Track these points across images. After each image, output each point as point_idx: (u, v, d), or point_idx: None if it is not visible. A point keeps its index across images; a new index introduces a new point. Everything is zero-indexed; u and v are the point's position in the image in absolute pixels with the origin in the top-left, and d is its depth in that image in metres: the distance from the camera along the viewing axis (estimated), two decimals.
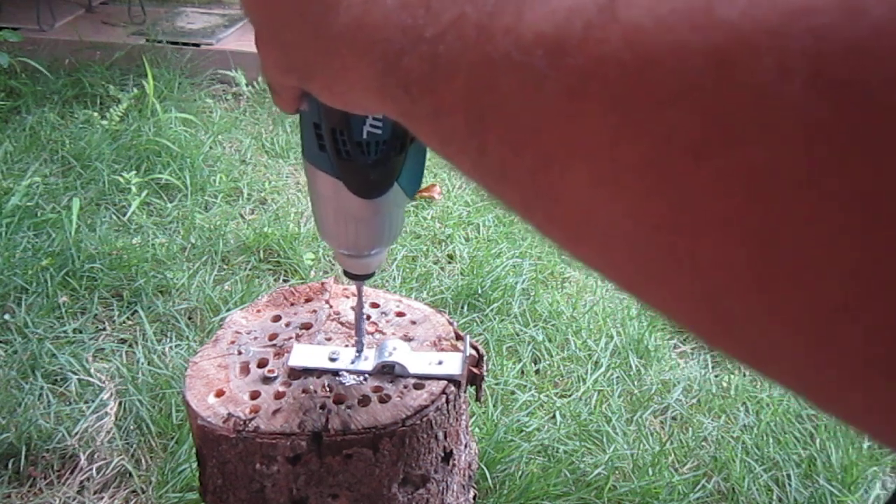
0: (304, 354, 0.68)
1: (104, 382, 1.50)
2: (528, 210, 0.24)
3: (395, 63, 0.28)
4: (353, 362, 0.68)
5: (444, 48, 0.25)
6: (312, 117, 0.49)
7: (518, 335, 1.69)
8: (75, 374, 1.51)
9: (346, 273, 0.62)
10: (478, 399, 0.74)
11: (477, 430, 1.43)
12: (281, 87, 0.43)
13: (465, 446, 0.74)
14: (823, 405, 0.18)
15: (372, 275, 0.63)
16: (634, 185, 0.19)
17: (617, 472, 1.39)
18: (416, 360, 0.68)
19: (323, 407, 0.63)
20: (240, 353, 0.70)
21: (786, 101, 0.15)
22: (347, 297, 0.78)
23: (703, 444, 1.48)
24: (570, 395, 1.55)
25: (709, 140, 0.17)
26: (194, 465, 1.21)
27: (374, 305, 0.76)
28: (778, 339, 0.17)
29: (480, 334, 1.67)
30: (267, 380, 0.66)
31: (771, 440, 1.48)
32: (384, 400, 0.65)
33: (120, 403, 1.46)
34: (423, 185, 2.14)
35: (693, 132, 0.17)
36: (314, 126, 0.49)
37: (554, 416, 1.50)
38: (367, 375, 0.67)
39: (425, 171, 0.55)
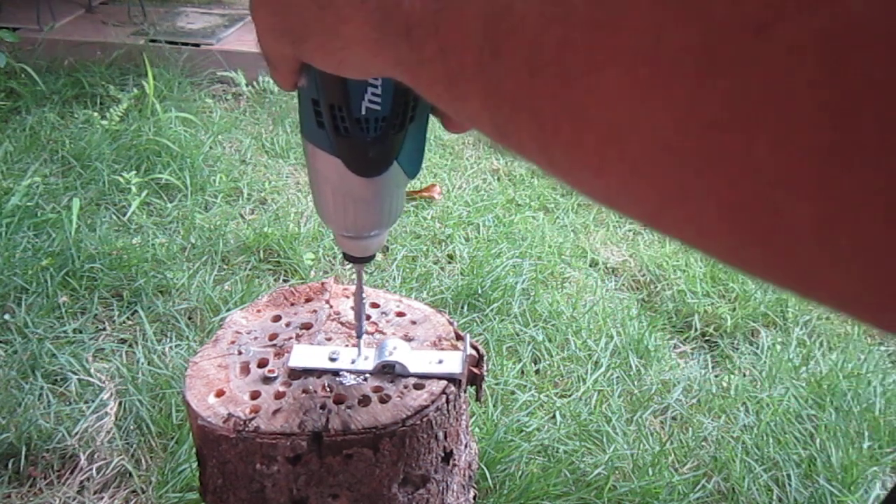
0: (305, 355, 0.68)
1: (104, 382, 1.50)
2: (544, 144, 0.23)
3: (394, 9, 0.28)
4: (353, 362, 0.68)
5: None
6: (311, 93, 0.48)
7: (518, 335, 1.69)
8: (75, 374, 1.51)
9: (345, 256, 0.61)
10: (478, 399, 0.74)
11: (477, 430, 1.43)
12: (276, 57, 0.43)
13: (466, 446, 0.74)
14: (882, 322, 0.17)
15: (372, 257, 0.62)
16: (683, 79, 0.17)
17: (617, 472, 1.39)
18: (417, 360, 0.68)
19: (323, 407, 0.63)
20: (240, 353, 0.70)
21: None
22: (347, 297, 0.78)
23: (703, 444, 1.48)
24: (570, 395, 1.55)
25: (782, 8, 0.15)
26: (194, 465, 1.21)
27: (375, 305, 0.76)
28: (851, 245, 0.15)
29: (480, 334, 1.67)
30: (267, 380, 0.66)
31: (771, 440, 1.48)
32: (384, 400, 0.65)
33: (120, 403, 1.46)
34: (424, 185, 2.14)
35: (758, 4, 0.16)
36: (312, 102, 0.49)
37: (554, 416, 1.50)
38: (367, 375, 0.67)
39: (425, 172, 0.55)
